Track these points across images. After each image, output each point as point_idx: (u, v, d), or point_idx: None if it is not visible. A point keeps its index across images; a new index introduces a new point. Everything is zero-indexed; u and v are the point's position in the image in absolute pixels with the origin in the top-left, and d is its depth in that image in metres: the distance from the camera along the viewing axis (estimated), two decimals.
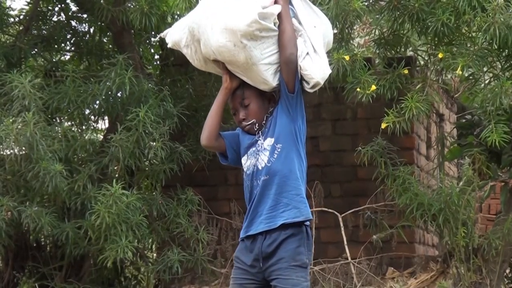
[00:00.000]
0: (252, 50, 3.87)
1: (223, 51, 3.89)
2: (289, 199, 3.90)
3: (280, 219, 3.87)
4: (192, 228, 8.09)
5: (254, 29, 3.84)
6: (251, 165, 3.98)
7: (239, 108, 4.01)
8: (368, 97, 7.16)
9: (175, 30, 4.16)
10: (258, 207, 3.92)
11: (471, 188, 7.92)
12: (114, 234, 7.41)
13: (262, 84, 3.96)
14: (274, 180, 3.90)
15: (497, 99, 7.04)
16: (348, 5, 6.83)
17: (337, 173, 9.39)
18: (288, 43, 3.90)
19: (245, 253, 3.94)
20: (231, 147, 4.11)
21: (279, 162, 3.91)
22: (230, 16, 3.90)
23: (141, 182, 8.40)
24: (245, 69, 3.92)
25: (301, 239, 3.90)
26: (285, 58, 3.89)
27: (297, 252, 3.88)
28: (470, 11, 6.99)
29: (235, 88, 4.02)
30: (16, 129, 7.29)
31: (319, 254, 8.44)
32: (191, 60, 4.12)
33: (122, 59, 7.83)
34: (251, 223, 3.94)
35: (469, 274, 7.89)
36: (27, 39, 8.72)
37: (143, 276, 9.04)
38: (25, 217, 7.44)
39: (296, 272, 3.88)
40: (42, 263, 8.38)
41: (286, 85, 3.91)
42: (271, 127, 3.96)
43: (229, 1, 3.99)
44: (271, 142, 3.93)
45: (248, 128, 4.01)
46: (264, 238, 3.89)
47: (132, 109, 7.77)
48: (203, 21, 3.98)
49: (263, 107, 4.01)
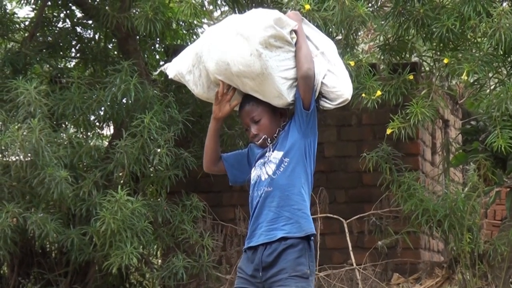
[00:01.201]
0: (268, 60, 3.85)
1: (239, 61, 3.87)
2: (291, 213, 3.90)
3: (280, 232, 3.88)
4: (197, 234, 8.08)
5: (270, 34, 3.83)
6: (255, 176, 3.99)
7: (250, 124, 4.01)
8: (373, 103, 7.16)
9: (178, 60, 4.19)
10: (259, 218, 3.93)
11: (476, 194, 7.91)
12: (119, 241, 7.40)
13: (276, 99, 3.94)
14: (277, 192, 3.91)
15: (502, 104, 7.04)
16: (353, 11, 6.84)
17: (342, 179, 9.37)
18: (305, 59, 3.90)
19: (247, 264, 3.95)
20: (232, 168, 4.14)
21: (284, 176, 3.91)
22: (246, 24, 3.91)
23: (146, 188, 8.41)
24: (260, 81, 3.89)
25: (302, 249, 3.89)
26: (302, 73, 3.88)
27: (297, 263, 3.87)
28: (475, 16, 6.99)
29: (245, 104, 4.03)
30: (22, 136, 7.30)
31: (324, 260, 8.43)
32: (194, 86, 4.11)
33: (127, 66, 7.83)
34: (252, 235, 3.95)
35: (475, 280, 7.88)
36: (33, 46, 8.73)
37: (148, 283, 9.04)
38: (31, 224, 7.44)
39: (297, 282, 3.85)
40: (47, 269, 8.37)
41: (302, 101, 3.90)
42: (282, 140, 3.96)
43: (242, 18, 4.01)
44: (279, 155, 3.93)
45: (261, 143, 4.01)
46: (264, 249, 3.89)
47: (137, 115, 7.77)
48: (215, 40, 3.98)
49: (275, 122, 4.01)
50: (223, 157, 4.16)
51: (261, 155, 4.01)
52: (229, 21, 4.06)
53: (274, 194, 3.90)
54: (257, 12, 4.00)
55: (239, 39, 3.89)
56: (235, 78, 3.95)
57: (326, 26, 6.87)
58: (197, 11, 7.13)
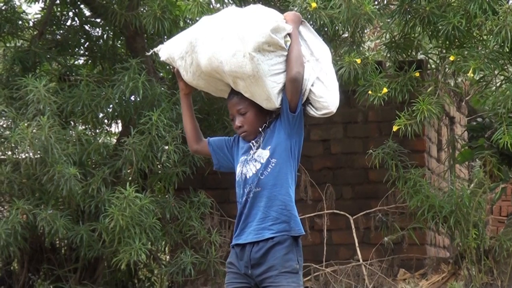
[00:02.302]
0: (260, 64, 3.84)
1: (232, 61, 3.87)
2: (278, 213, 3.91)
3: (268, 232, 3.90)
4: (205, 230, 8.09)
5: (264, 41, 3.82)
6: (240, 172, 4.00)
7: (236, 115, 4.02)
8: (379, 100, 7.17)
9: (170, 44, 4.19)
10: (249, 217, 3.94)
11: (482, 190, 7.91)
12: (128, 237, 7.41)
13: (264, 101, 3.94)
14: (264, 193, 3.91)
15: (508, 101, 7.05)
16: (360, 9, 6.84)
17: (348, 175, 9.37)
18: (295, 62, 3.89)
19: (236, 260, 3.97)
20: (215, 153, 4.15)
21: (271, 176, 3.91)
22: (243, 26, 3.90)
23: (154, 185, 8.40)
24: (251, 82, 3.89)
25: (289, 245, 3.92)
26: (291, 75, 3.88)
27: (286, 259, 3.89)
28: (481, 14, 7.00)
29: (233, 95, 4.04)
30: (31, 133, 7.32)
31: (331, 256, 8.45)
32: (184, 72, 4.11)
33: (135, 63, 7.84)
34: (241, 233, 3.96)
35: (480, 276, 7.89)
36: (42, 44, 8.75)
37: (157, 278, 9.06)
38: (40, 220, 7.46)
39: (287, 278, 3.88)
40: (57, 265, 8.39)
41: (289, 103, 3.91)
42: (267, 139, 3.96)
43: (239, 16, 4.00)
44: (266, 155, 3.93)
45: (244, 135, 4.01)
46: (252, 247, 3.91)
47: (145, 112, 7.77)
48: (210, 33, 3.98)
49: (261, 118, 4.00)
50: (209, 141, 4.18)
51: (245, 151, 4.01)
52: (227, 15, 4.05)
53: (262, 194, 3.91)
54: (256, 12, 3.98)
55: (234, 40, 3.89)
56: (226, 76, 3.95)
57: (333, 24, 6.88)
58: (204, 9, 7.13)
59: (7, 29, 8.67)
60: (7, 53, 8.77)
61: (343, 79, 7.02)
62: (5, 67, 8.71)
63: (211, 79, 4.07)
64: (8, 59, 8.63)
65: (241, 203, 3.98)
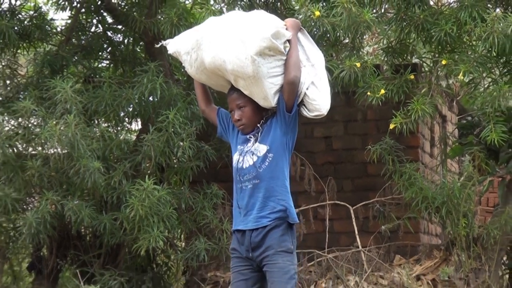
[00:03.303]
0: (260, 66, 3.87)
1: (235, 62, 3.90)
2: (275, 203, 3.95)
3: (266, 220, 3.94)
4: (217, 219, 8.09)
5: (266, 45, 3.85)
6: (236, 160, 4.03)
7: (235, 109, 4.04)
8: (377, 100, 7.16)
9: (178, 40, 4.20)
10: (248, 205, 3.97)
11: (471, 183, 7.91)
12: (147, 225, 7.42)
13: (262, 100, 3.97)
14: (263, 184, 3.95)
15: (495, 101, 7.03)
16: (359, 17, 6.84)
17: (348, 169, 9.37)
18: (294, 66, 3.92)
19: (238, 245, 4.01)
20: (222, 123, 4.19)
21: (269, 170, 3.94)
22: (246, 30, 3.92)
23: (170, 178, 8.40)
24: (250, 82, 3.91)
25: (285, 229, 3.95)
26: (289, 78, 3.90)
27: (281, 240, 3.93)
28: (471, 21, 6.99)
29: (233, 91, 4.06)
30: (59, 130, 7.33)
31: (332, 243, 8.44)
32: (188, 66, 4.14)
33: (153, 67, 7.85)
34: (242, 220, 3.99)
35: (470, 261, 7.88)
36: (68, 48, 8.77)
37: (173, 263, 9.04)
38: (67, 210, 7.49)
39: (283, 257, 3.92)
40: (82, 251, 8.39)
41: (285, 104, 3.93)
42: (264, 135, 3.98)
43: (243, 20, 4.01)
44: (263, 149, 3.96)
45: (242, 128, 4.03)
46: (251, 232, 3.95)
47: (163, 111, 7.78)
48: (216, 33, 4.00)
49: (258, 113, 4.03)
50: (219, 110, 4.22)
51: (242, 142, 4.04)
52: (232, 18, 4.07)
53: (261, 186, 3.94)
54: (258, 17, 4.00)
55: (238, 42, 3.90)
56: (228, 74, 3.96)
57: (335, 31, 6.88)
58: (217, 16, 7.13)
59: (37, 35, 8.70)
60: (37, 57, 8.76)
61: (344, 81, 7.03)
62: (35, 70, 8.71)
63: (213, 75, 4.09)
64: (38, 62, 8.63)
65: (237, 189, 4.01)
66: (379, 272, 8.00)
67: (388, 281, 7.84)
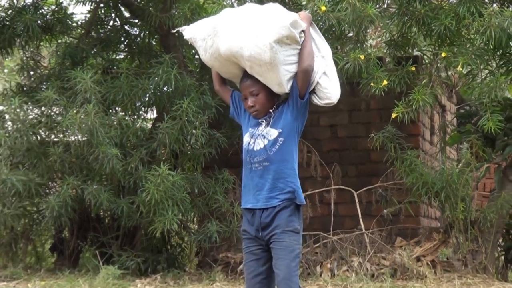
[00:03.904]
0: (277, 53, 3.87)
1: (253, 48, 3.88)
2: (284, 184, 3.94)
3: (275, 200, 3.93)
4: (228, 203, 8.12)
5: (285, 34, 3.85)
6: (247, 142, 4.00)
7: (248, 96, 4.01)
8: (380, 91, 7.17)
9: (194, 27, 4.17)
10: (258, 186, 3.96)
11: (469, 169, 7.92)
12: (162, 209, 7.46)
13: (276, 86, 3.96)
14: (272, 167, 3.94)
15: (492, 92, 7.04)
16: (363, 12, 6.84)
17: (352, 156, 9.38)
18: (308, 56, 3.93)
19: (248, 226, 4.00)
20: (235, 104, 4.15)
21: (279, 153, 3.94)
22: (265, 19, 3.92)
23: (184, 164, 8.42)
24: (266, 69, 3.91)
25: (292, 210, 3.95)
26: (303, 67, 3.91)
27: (289, 220, 3.92)
28: (469, 16, 6.98)
29: (247, 78, 4.03)
30: (79, 119, 7.38)
31: (337, 225, 8.45)
32: (203, 52, 4.09)
33: (168, 59, 7.87)
34: (251, 198, 3.98)
35: (467, 243, 7.89)
36: (88, 41, 8.80)
37: (187, 245, 9.05)
38: (87, 194, 7.55)
39: (290, 236, 3.91)
40: (101, 233, 8.44)
41: (299, 91, 3.94)
42: (276, 120, 3.98)
43: (260, 11, 4.00)
44: (275, 133, 3.95)
45: (255, 114, 4.01)
46: (261, 212, 3.94)
47: (177, 101, 7.81)
48: (233, 22, 3.98)
49: (270, 99, 4.01)
50: (233, 93, 4.18)
51: (254, 125, 4.02)
52: (249, 9, 4.05)
53: (270, 168, 3.93)
54: (276, 9, 3.99)
55: (256, 30, 3.89)
56: (244, 60, 3.94)
57: (340, 25, 6.89)
58: None
59: (58, 28, 8.72)
60: (58, 50, 8.81)
61: (349, 73, 7.03)
62: (57, 61, 8.75)
63: (226, 62, 4.06)
64: (60, 54, 8.68)
65: (247, 170, 4.00)
66: (381, 253, 8.02)
67: (390, 262, 7.86)
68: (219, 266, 8.11)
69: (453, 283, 7.45)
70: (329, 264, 7.85)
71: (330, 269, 7.81)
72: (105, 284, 7.01)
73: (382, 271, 7.73)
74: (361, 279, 7.54)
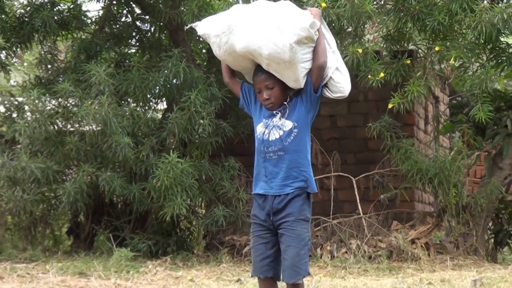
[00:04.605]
0: (296, 53, 3.82)
1: (272, 48, 3.83)
2: (298, 173, 3.92)
3: (288, 188, 3.90)
4: (234, 189, 8.14)
5: (305, 35, 3.81)
6: (261, 133, 3.95)
7: (263, 89, 3.95)
8: (377, 83, 7.18)
9: (208, 22, 4.07)
10: (272, 173, 3.93)
11: (460, 156, 7.93)
12: (171, 194, 7.47)
13: (292, 82, 3.91)
14: (287, 156, 3.91)
15: (483, 84, 7.04)
16: (361, 8, 6.84)
17: (351, 145, 9.39)
18: (323, 53, 3.90)
19: (259, 210, 3.96)
20: (245, 96, 4.09)
21: (294, 144, 3.92)
22: (283, 20, 3.86)
23: (192, 152, 8.42)
24: (285, 67, 3.85)
25: (304, 199, 3.93)
26: (319, 63, 3.88)
27: (301, 209, 3.91)
28: (461, 12, 6.98)
29: (261, 73, 3.96)
30: (94, 109, 7.39)
31: (336, 210, 8.46)
32: (217, 48, 4.01)
33: (177, 53, 7.87)
34: (264, 184, 3.95)
35: (459, 227, 7.91)
36: (102, 36, 8.80)
37: (195, 228, 9.07)
38: (101, 181, 7.56)
39: (301, 224, 3.90)
40: (114, 217, 8.46)
41: (313, 85, 3.91)
42: (290, 112, 3.94)
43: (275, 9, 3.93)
44: (289, 125, 3.92)
45: (270, 106, 3.96)
46: (274, 198, 3.91)
47: (185, 93, 7.81)
48: (249, 21, 3.91)
49: (284, 92, 3.96)
50: (242, 85, 4.11)
51: (268, 116, 3.96)
52: (264, 7, 3.96)
53: (285, 158, 3.91)
54: (289, 7, 3.93)
55: (275, 30, 3.83)
56: (261, 58, 3.89)
57: (339, 21, 6.88)
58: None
59: (74, 24, 8.73)
60: (74, 44, 8.81)
61: (348, 66, 7.01)
62: (73, 55, 8.76)
63: (240, 58, 3.99)
64: (75, 49, 8.68)
65: (261, 158, 3.96)
66: (378, 236, 8.03)
67: (386, 244, 7.87)
68: (225, 248, 8.13)
69: (445, 264, 7.47)
70: (329, 247, 7.87)
71: (330, 251, 7.82)
72: (118, 265, 7.03)
73: (379, 253, 7.75)
74: (359, 261, 7.56)
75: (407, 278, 6.54)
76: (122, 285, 6.12)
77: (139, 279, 6.50)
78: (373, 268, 7.28)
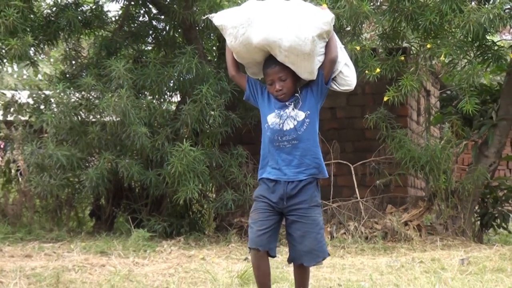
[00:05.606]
0: (316, 46, 3.79)
1: (294, 40, 3.76)
2: (311, 161, 3.88)
3: (302, 175, 3.87)
4: (242, 175, 8.13)
5: (326, 28, 3.78)
6: (275, 123, 3.89)
7: (276, 80, 3.89)
8: (373, 77, 7.17)
9: (225, 15, 3.99)
10: (285, 161, 3.87)
11: (450, 145, 7.93)
12: (184, 180, 7.48)
13: (307, 74, 3.87)
14: (301, 145, 3.87)
15: (470, 78, 7.03)
16: (359, 9, 6.83)
17: (350, 134, 9.38)
18: (335, 47, 3.88)
19: (269, 193, 3.88)
20: (251, 88, 4.02)
21: (306, 132, 3.88)
22: (305, 15, 3.82)
23: (204, 141, 8.42)
24: (303, 58, 3.79)
25: (315, 185, 3.91)
26: (331, 57, 3.85)
27: (314, 195, 3.89)
28: (451, 12, 6.96)
29: (274, 65, 3.89)
30: (114, 102, 7.39)
31: (336, 194, 8.48)
32: (233, 39, 3.90)
33: (190, 50, 7.86)
34: (276, 172, 3.89)
35: (448, 210, 7.92)
36: (121, 34, 8.79)
37: (206, 211, 9.05)
38: (121, 167, 7.58)
39: (315, 210, 3.88)
40: (132, 201, 8.48)
41: (324, 78, 3.88)
42: (302, 103, 3.89)
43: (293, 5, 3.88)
44: (302, 115, 3.87)
45: (282, 97, 3.90)
46: (287, 184, 3.86)
47: (197, 86, 7.81)
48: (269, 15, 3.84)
49: (295, 84, 3.92)
50: (249, 78, 4.04)
51: (281, 107, 3.90)
52: (280, 4, 3.89)
53: (299, 146, 3.87)
54: (306, 4, 3.88)
55: (298, 24, 3.77)
56: (280, 49, 3.80)
57: (339, 20, 6.87)
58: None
59: (96, 23, 8.73)
60: (96, 42, 8.81)
61: None
62: (94, 52, 8.76)
63: (254, 49, 3.89)
64: (97, 46, 8.69)
65: (273, 147, 3.88)
66: (374, 218, 8.04)
67: (381, 226, 7.88)
68: (234, 230, 8.15)
69: (435, 244, 7.48)
70: (329, 228, 7.89)
71: (329, 232, 7.84)
72: (136, 245, 7.06)
73: (375, 234, 7.76)
74: (356, 241, 7.57)
75: (400, 257, 6.55)
76: (139, 263, 6.15)
77: (155, 257, 6.53)
78: (369, 248, 7.29)
